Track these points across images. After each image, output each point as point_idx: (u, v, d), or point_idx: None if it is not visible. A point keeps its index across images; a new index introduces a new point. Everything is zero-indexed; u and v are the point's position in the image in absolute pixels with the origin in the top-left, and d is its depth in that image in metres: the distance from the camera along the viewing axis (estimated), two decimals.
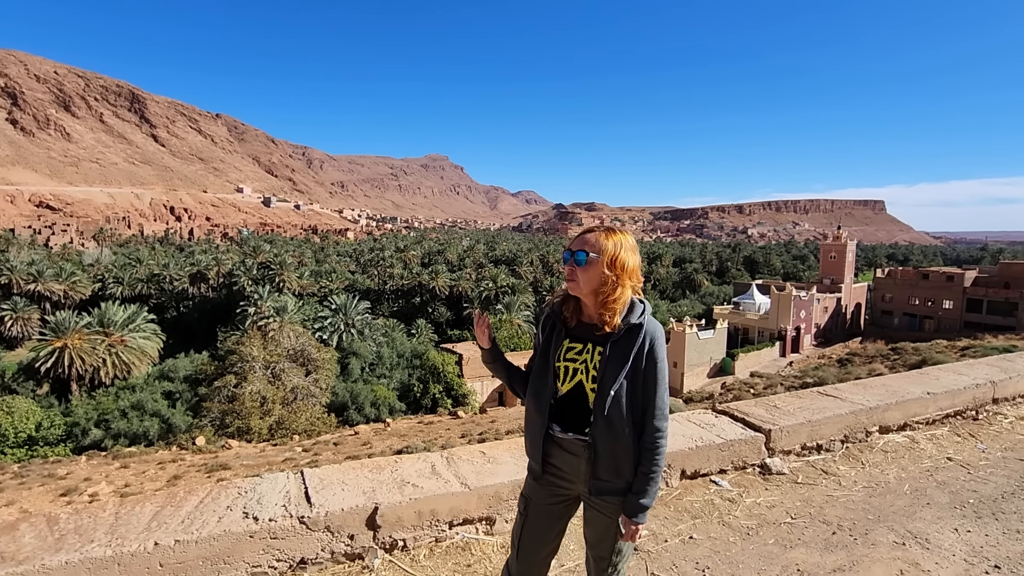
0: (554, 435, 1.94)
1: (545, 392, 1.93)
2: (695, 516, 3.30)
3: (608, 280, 1.83)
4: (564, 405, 1.93)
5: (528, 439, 2.01)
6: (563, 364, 1.92)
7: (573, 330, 1.95)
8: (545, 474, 1.97)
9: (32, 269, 59.96)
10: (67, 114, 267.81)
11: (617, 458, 1.85)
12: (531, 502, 2.02)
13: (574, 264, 1.85)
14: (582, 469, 1.90)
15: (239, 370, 30.16)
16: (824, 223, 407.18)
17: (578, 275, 1.85)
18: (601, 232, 1.88)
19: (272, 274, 61.64)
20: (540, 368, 1.97)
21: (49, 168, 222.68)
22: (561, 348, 1.94)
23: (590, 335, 1.91)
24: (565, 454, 1.93)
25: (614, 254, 1.83)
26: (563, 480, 1.96)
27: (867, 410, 4.46)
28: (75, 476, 21.00)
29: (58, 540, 2.32)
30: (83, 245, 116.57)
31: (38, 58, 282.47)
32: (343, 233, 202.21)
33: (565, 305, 1.98)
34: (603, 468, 1.87)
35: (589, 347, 1.89)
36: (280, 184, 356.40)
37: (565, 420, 1.93)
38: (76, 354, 32.05)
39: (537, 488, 2.01)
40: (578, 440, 1.90)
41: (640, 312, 1.88)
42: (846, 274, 62.61)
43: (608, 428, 1.83)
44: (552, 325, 1.99)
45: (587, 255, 1.83)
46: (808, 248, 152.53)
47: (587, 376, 1.88)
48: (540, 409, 1.94)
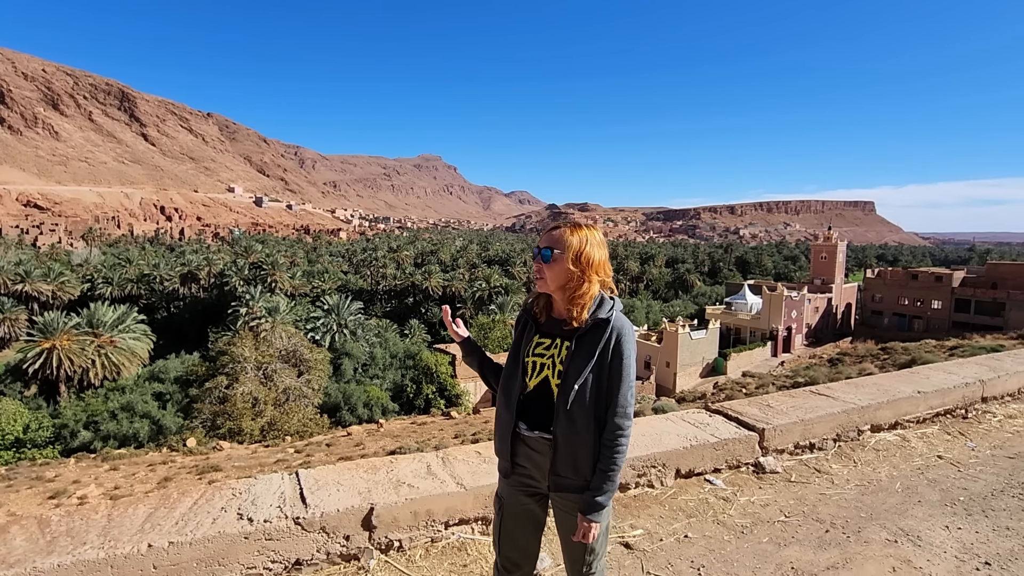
0: (520, 433, 1.95)
1: (514, 388, 1.95)
2: (690, 515, 3.32)
3: (574, 275, 1.85)
4: (531, 401, 1.94)
5: (497, 437, 2.02)
6: (531, 359, 1.94)
7: (543, 326, 1.98)
8: (514, 472, 1.99)
9: (19, 269, 59.23)
10: (56, 112, 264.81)
11: (576, 455, 1.85)
12: (504, 502, 2.04)
13: (540, 261, 1.87)
14: (547, 467, 1.92)
15: (231, 371, 29.96)
16: (815, 224, 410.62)
17: (545, 272, 1.87)
18: (567, 228, 1.89)
19: (264, 274, 61.27)
20: (511, 364, 1.99)
21: (37, 167, 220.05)
22: (531, 343, 1.96)
23: (559, 330, 1.93)
24: (531, 452, 1.94)
25: (579, 249, 1.85)
26: (530, 479, 1.97)
27: (859, 409, 4.50)
28: (64, 478, 20.77)
29: (50, 543, 2.29)
30: (72, 245, 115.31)
31: (26, 56, 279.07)
32: (336, 233, 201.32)
33: (536, 302, 2.01)
34: (562, 464, 1.87)
35: (557, 342, 1.91)
36: (272, 184, 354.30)
37: (531, 417, 1.94)
38: (65, 355, 31.69)
39: (508, 487, 2.03)
40: (543, 438, 1.91)
41: (608, 307, 1.88)
42: (837, 274, 63.12)
43: (569, 423, 1.83)
44: (525, 322, 2.02)
45: (552, 251, 1.85)
46: (799, 249, 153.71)
47: (553, 371, 1.89)
48: (509, 405, 1.96)
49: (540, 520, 2.04)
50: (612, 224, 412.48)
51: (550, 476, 1.91)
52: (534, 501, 2.01)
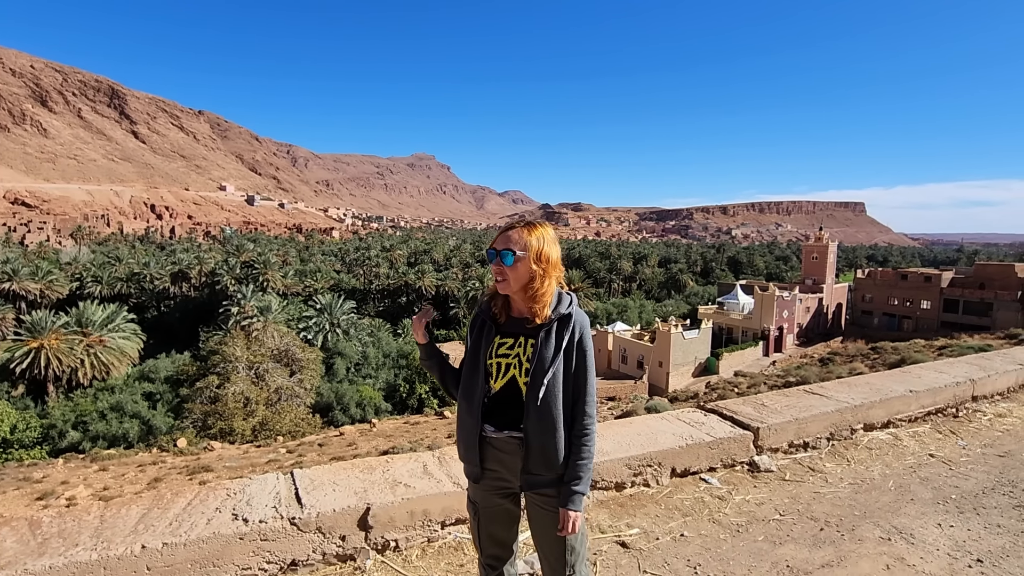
0: (488, 436, 1.94)
1: (476, 392, 1.94)
2: (686, 514, 3.33)
3: (536, 275, 1.87)
4: (497, 403, 1.94)
5: (462, 444, 2.01)
6: (495, 361, 1.94)
7: (503, 326, 1.98)
8: (484, 477, 1.98)
9: (6, 268, 58.47)
10: (44, 109, 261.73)
11: (547, 450, 1.86)
12: (479, 506, 2.03)
13: (501, 263, 1.87)
14: (518, 467, 1.92)
15: (222, 371, 29.74)
16: (806, 224, 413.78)
17: (507, 273, 1.87)
18: (523, 228, 1.91)
19: (256, 273, 60.90)
20: (470, 368, 1.98)
21: (25, 164, 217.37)
22: (492, 345, 1.96)
23: (521, 329, 1.94)
24: (500, 454, 1.94)
25: (539, 249, 1.88)
26: (502, 480, 1.97)
27: (852, 408, 4.53)
28: (52, 479, 20.53)
29: (41, 544, 2.26)
30: (60, 243, 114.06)
31: (13, 51, 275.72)
32: (328, 232, 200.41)
33: (493, 303, 2.00)
34: (534, 462, 1.88)
35: (521, 340, 1.92)
36: (264, 182, 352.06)
37: (498, 418, 1.94)
38: (53, 354, 31.33)
39: (480, 492, 2.02)
40: (512, 438, 1.91)
41: (568, 303, 1.93)
42: (828, 275, 63.59)
43: (541, 419, 1.85)
44: (482, 324, 2.00)
45: (514, 253, 1.86)
46: (790, 249, 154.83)
47: (520, 370, 1.90)
48: (472, 410, 1.95)
49: (516, 514, 2.06)
50: (606, 224, 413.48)
51: (523, 475, 1.91)
52: (508, 500, 2.02)
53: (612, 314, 61.73)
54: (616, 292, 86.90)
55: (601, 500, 3.38)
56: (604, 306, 66.34)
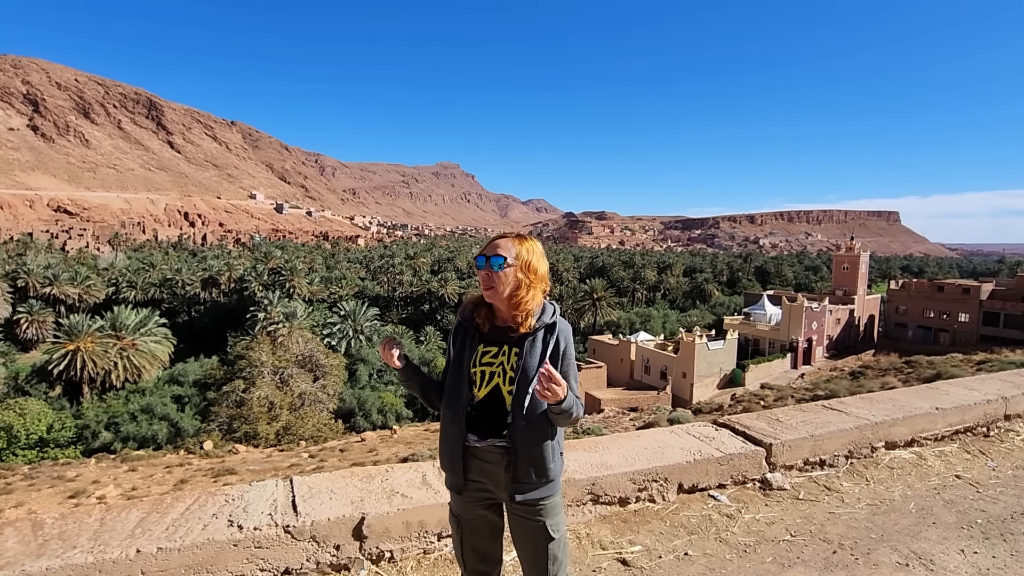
0: (471, 446, 1.95)
1: (460, 401, 1.95)
2: (691, 532, 3.23)
3: (523, 284, 1.91)
4: (481, 412, 1.95)
5: (445, 453, 2.01)
6: (478, 369, 1.95)
7: (487, 335, 1.99)
8: (467, 488, 1.98)
9: (48, 272, 60.93)
10: (86, 121, 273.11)
11: (534, 457, 1.88)
12: (462, 519, 2.04)
13: (490, 270, 1.89)
14: (501, 476, 1.92)
15: (248, 375, 30.32)
16: (837, 234, 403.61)
17: (495, 280, 1.89)
18: (513, 239, 1.97)
19: (283, 280, 62.11)
20: (454, 378, 1.98)
21: (68, 173, 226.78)
22: (476, 353, 1.97)
23: (504, 337, 1.96)
24: (484, 464, 1.94)
25: (527, 260, 1.92)
26: (485, 491, 1.97)
27: (872, 425, 4.35)
28: (84, 478, 21.15)
29: (41, 546, 2.30)
30: (98, 249, 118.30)
31: (59, 66, 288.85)
32: (354, 240, 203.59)
33: (476, 312, 2.01)
34: (523, 469, 1.88)
35: (505, 349, 1.94)
36: (293, 191, 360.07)
37: (481, 427, 1.94)
38: (88, 357, 32.41)
39: (462, 503, 2.02)
40: (495, 447, 1.92)
41: (552, 312, 1.97)
42: (859, 285, 61.88)
43: (528, 428, 1.86)
44: (465, 332, 2.01)
45: (504, 260, 1.88)
46: (820, 259, 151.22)
47: (504, 378, 1.92)
48: (456, 419, 1.95)
49: (499, 526, 2.06)
50: (630, 232, 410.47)
51: (511, 484, 1.90)
52: (491, 512, 2.02)
53: (635, 324, 61.11)
54: (640, 301, 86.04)
55: (604, 515, 3.30)
56: (627, 315, 65.74)
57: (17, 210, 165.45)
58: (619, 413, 35.60)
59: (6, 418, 25.46)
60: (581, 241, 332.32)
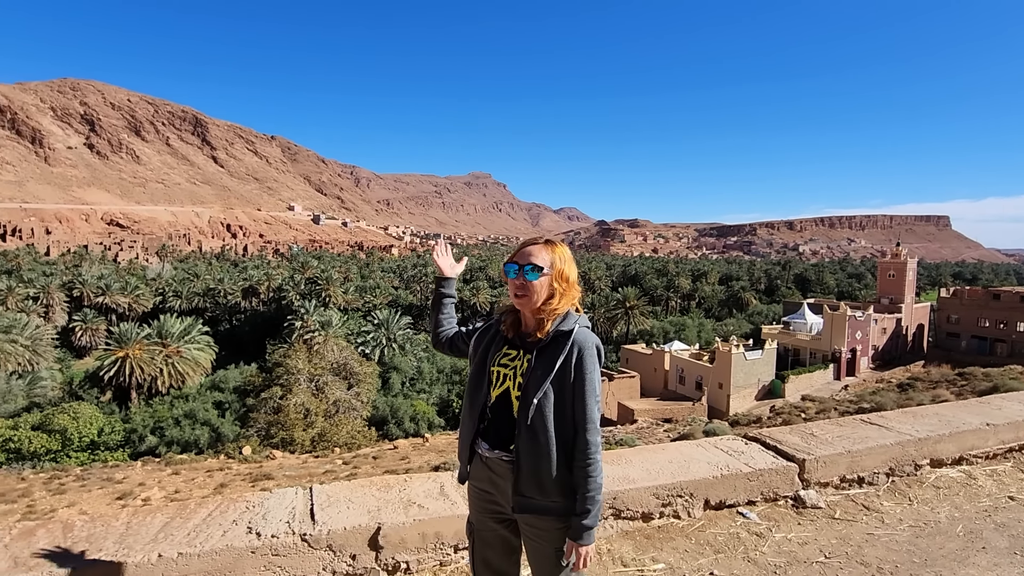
0: (481, 455, 1.94)
1: (479, 398, 1.96)
2: (718, 550, 3.10)
3: (556, 292, 1.88)
4: (493, 416, 1.93)
5: (460, 443, 2.03)
6: (496, 368, 1.94)
7: (511, 339, 1.98)
8: (475, 496, 1.99)
9: (101, 283, 64.02)
10: (137, 138, 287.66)
11: (540, 473, 1.80)
12: (475, 528, 2.02)
13: (524, 278, 1.86)
14: (509, 491, 1.88)
15: (285, 382, 31.02)
16: (882, 240, 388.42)
17: (529, 289, 1.87)
18: (544, 246, 1.93)
19: (319, 289, 63.60)
20: (477, 375, 1.99)
21: (120, 188, 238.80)
22: (499, 352, 1.96)
23: (523, 343, 1.93)
24: (494, 476, 1.92)
25: (560, 268, 1.89)
26: (495, 504, 1.94)
27: (916, 441, 4.12)
28: (131, 481, 21.98)
29: (69, 548, 2.37)
30: (147, 260, 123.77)
31: (113, 87, 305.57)
32: (388, 249, 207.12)
33: (504, 319, 2.00)
34: (525, 483, 1.82)
35: (520, 354, 1.92)
36: (329, 202, 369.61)
37: (492, 436, 1.92)
38: (136, 364, 33.79)
39: (477, 514, 2.01)
40: (503, 459, 1.89)
41: (572, 321, 1.89)
42: (906, 293, 59.28)
43: (532, 439, 1.80)
44: (494, 334, 2.01)
45: (540, 269, 1.86)
46: (864, 266, 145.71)
47: (513, 383, 1.89)
48: (473, 415, 1.97)
49: (513, 545, 2.00)
50: (663, 240, 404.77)
51: (514, 497, 1.86)
52: (504, 527, 1.98)
53: (669, 333, 60.01)
54: (674, 310, 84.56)
55: (626, 531, 3.21)
56: (661, 324, 64.64)
57: (74, 224, 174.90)
58: (653, 424, 34.93)
59: (61, 421, 26.73)
60: (613, 249, 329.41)
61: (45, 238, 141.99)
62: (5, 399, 30.11)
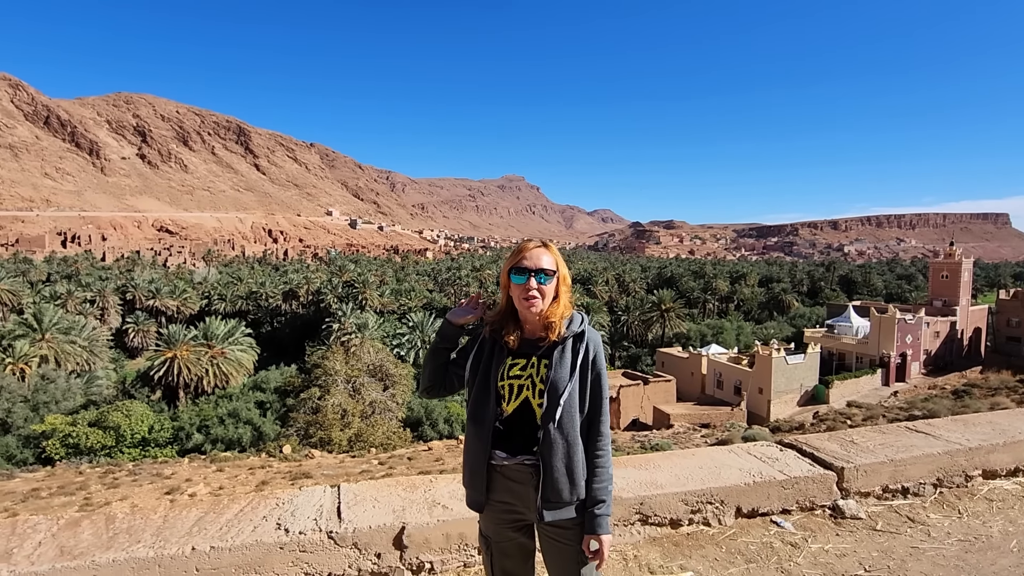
0: (497, 465, 1.87)
1: (487, 417, 1.88)
2: (749, 560, 3.00)
3: (560, 293, 1.89)
4: (510, 427, 1.87)
5: (467, 469, 1.95)
6: (507, 383, 1.88)
7: (513, 348, 1.92)
8: (489, 504, 1.92)
9: (152, 287, 67.06)
10: (185, 148, 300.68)
11: (571, 472, 1.81)
12: (491, 540, 1.96)
13: (538, 283, 1.84)
14: (531, 496, 1.84)
15: (323, 383, 31.73)
16: (934, 239, 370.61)
17: (542, 293, 1.86)
18: (545, 248, 1.92)
19: (355, 292, 64.92)
20: (480, 393, 1.91)
21: (169, 196, 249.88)
22: (504, 367, 1.89)
23: (533, 349, 1.89)
24: (512, 484, 1.87)
25: (562, 270, 1.91)
26: (514, 512, 1.89)
27: (967, 451, 3.90)
28: (178, 476, 22.88)
29: (111, 539, 2.48)
30: (194, 265, 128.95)
31: (163, 99, 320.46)
32: (422, 253, 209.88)
33: (506, 327, 1.93)
34: (555, 486, 1.80)
35: (534, 360, 1.87)
36: (365, 207, 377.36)
37: (510, 443, 1.87)
38: (183, 364, 35.22)
39: (492, 525, 1.95)
40: (524, 464, 1.84)
41: (580, 321, 1.92)
42: (961, 295, 56.33)
43: (562, 438, 1.80)
44: (492, 344, 1.94)
45: (551, 273, 1.86)
46: (915, 267, 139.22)
47: (533, 391, 1.85)
48: (482, 435, 1.89)
49: (530, 548, 1.99)
50: (700, 242, 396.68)
51: (541, 502, 1.82)
52: (521, 534, 1.94)
53: (707, 336, 58.67)
54: (711, 313, 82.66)
55: (654, 537, 3.15)
56: (698, 328, 63.30)
57: (127, 231, 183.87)
58: (689, 429, 34.19)
59: (115, 419, 28.06)
60: (648, 251, 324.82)
61: (101, 244, 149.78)
62: (65, 397, 31.82)
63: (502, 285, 1.94)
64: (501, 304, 1.96)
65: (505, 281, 1.91)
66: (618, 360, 59.38)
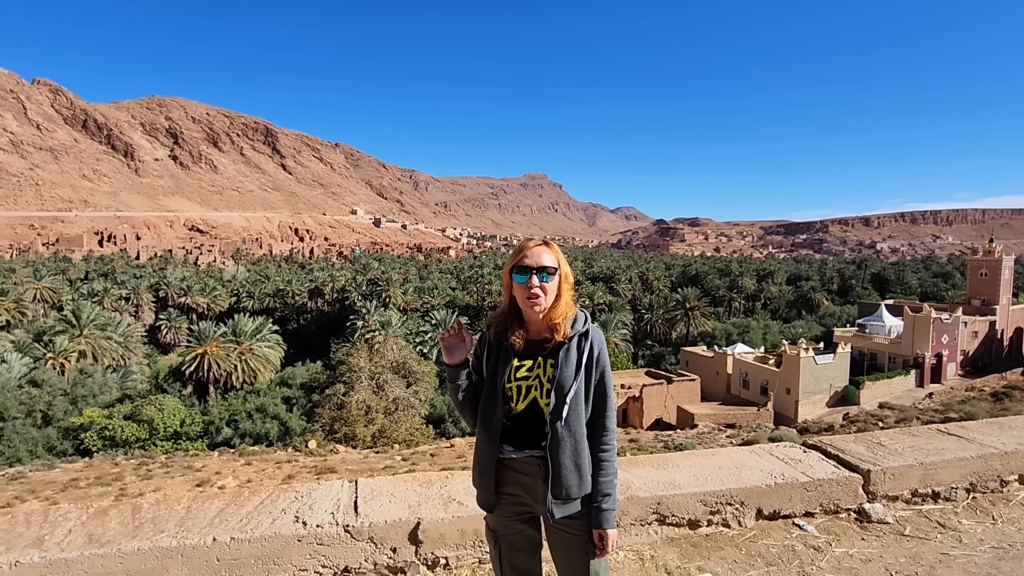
0: (506, 458, 1.89)
1: (495, 417, 1.90)
2: (770, 563, 2.94)
3: (563, 291, 1.90)
4: (519, 424, 1.89)
5: (477, 469, 1.97)
6: (514, 384, 1.89)
7: (519, 350, 1.92)
8: (500, 503, 1.93)
9: (183, 285, 68.93)
10: (215, 149, 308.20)
11: (579, 468, 1.83)
12: (499, 534, 1.99)
13: (540, 282, 1.85)
14: (539, 489, 1.86)
15: (347, 380, 32.20)
16: (973, 236, 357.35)
17: (545, 292, 1.86)
18: (546, 246, 1.92)
19: (379, 290, 65.67)
20: (488, 395, 1.92)
21: (200, 196, 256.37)
22: (510, 368, 1.90)
23: (539, 350, 1.90)
24: (521, 476, 1.89)
25: (564, 268, 1.92)
26: (522, 504, 1.91)
27: (1002, 455, 3.75)
28: (208, 469, 23.51)
29: (136, 528, 2.56)
30: (223, 263, 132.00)
31: (194, 102, 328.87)
32: (445, 251, 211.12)
33: (511, 328, 1.94)
34: (563, 482, 1.82)
35: (540, 360, 1.89)
36: (389, 206, 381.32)
37: (518, 438, 1.89)
38: (213, 360, 36.13)
39: (499, 519, 1.97)
40: (532, 457, 1.86)
41: (583, 320, 1.93)
42: (1001, 294, 54.26)
43: (569, 436, 1.82)
44: (498, 347, 1.95)
45: (553, 271, 1.87)
46: (952, 264, 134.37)
47: (541, 391, 1.86)
48: (491, 436, 1.90)
49: (537, 541, 2.01)
50: (726, 239, 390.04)
51: (550, 498, 1.84)
52: (529, 526, 1.97)
53: (732, 335, 57.72)
54: (737, 311, 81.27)
55: (671, 537, 3.10)
56: (723, 326, 62.31)
57: (160, 230, 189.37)
58: (714, 429, 33.69)
59: (149, 412, 28.96)
60: (672, 249, 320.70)
61: (136, 243, 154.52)
62: (102, 391, 32.95)
63: (504, 285, 1.96)
64: (504, 304, 1.97)
65: (507, 281, 1.92)
66: (641, 359, 58.82)
